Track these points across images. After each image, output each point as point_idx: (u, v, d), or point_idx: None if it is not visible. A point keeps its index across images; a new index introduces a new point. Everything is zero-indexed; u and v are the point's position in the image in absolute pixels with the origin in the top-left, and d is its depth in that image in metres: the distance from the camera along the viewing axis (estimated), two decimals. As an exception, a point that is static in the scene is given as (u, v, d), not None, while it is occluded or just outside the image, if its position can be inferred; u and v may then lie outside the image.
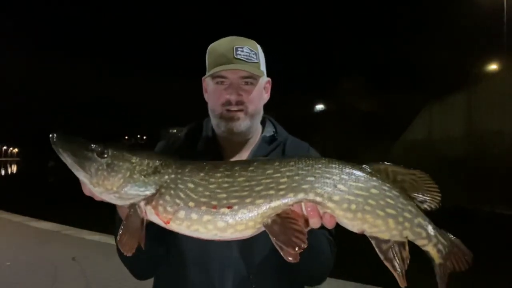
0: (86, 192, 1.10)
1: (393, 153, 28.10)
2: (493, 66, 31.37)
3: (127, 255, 1.03)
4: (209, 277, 1.34)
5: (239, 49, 1.39)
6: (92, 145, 1.07)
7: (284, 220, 1.01)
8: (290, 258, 1.00)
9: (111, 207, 1.17)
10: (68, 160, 1.05)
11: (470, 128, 22.90)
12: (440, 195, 1.04)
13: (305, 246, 0.99)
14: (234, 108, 1.38)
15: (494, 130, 20.54)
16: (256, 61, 1.42)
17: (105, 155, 1.06)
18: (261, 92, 1.47)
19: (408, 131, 29.58)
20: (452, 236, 1.06)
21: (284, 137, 1.54)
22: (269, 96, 1.55)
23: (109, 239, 7.77)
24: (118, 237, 1.03)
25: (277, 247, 1.00)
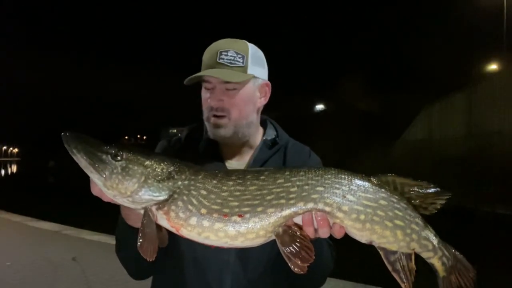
0: (95, 192, 1.09)
1: (393, 153, 28.10)
2: (493, 66, 31.39)
3: (150, 260, 1.03)
4: (206, 281, 1.35)
5: (223, 53, 1.35)
6: (106, 146, 1.06)
7: (294, 233, 1.03)
8: (297, 269, 1.02)
9: (112, 208, 1.18)
10: (82, 161, 1.04)
11: (470, 128, 22.87)
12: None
13: (312, 260, 1.01)
14: (218, 113, 1.36)
15: (494, 130, 20.53)
16: (241, 64, 1.36)
17: (119, 158, 1.05)
18: (249, 96, 1.40)
19: (408, 131, 29.56)
20: (455, 251, 1.08)
21: (285, 141, 1.52)
22: (266, 100, 1.49)
23: (109, 239, 7.76)
24: (138, 243, 1.03)
25: (285, 258, 1.02)
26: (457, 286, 1.07)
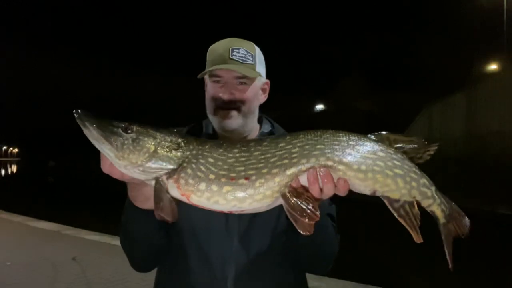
0: (105, 169, 1.13)
1: (393, 153, 27.99)
2: (493, 66, 31.40)
3: (171, 221, 1.08)
4: (210, 268, 1.38)
5: (235, 50, 1.45)
6: (116, 121, 1.11)
7: (300, 193, 1.07)
8: (304, 231, 1.05)
9: (111, 208, 1.18)
10: (94, 133, 1.08)
11: (470, 128, 22.90)
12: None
13: (318, 218, 1.05)
14: (229, 106, 1.44)
15: (494, 130, 20.55)
16: (251, 62, 1.47)
17: (130, 131, 1.10)
18: (256, 92, 1.51)
19: (408, 131, 29.56)
20: (451, 200, 1.14)
21: (282, 134, 1.56)
22: (266, 97, 1.59)
23: (109, 239, 7.77)
24: (155, 208, 1.07)
25: (292, 219, 1.06)
26: (455, 234, 1.13)
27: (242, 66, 1.44)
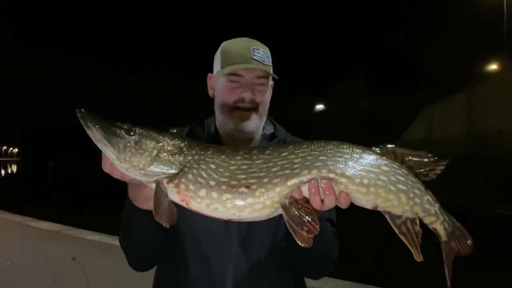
0: (106, 168, 1.12)
1: (393, 153, 27.99)
2: (493, 66, 31.42)
3: (166, 226, 1.07)
4: (209, 272, 1.37)
5: (255, 50, 1.42)
6: (119, 122, 1.10)
7: (300, 205, 1.05)
8: (302, 243, 1.03)
9: (111, 208, 1.19)
10: (96, 135, 1.07)
11: (470, 128, 22.91)
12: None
13: (317, 232, 1.03)
14: (247, 106, 1.41)
15: (494, 130, 20.55)
16: (269, 64, 1.45)
17: (133, 133, 1.09)
18: (269, 94, 1.50)
19: (408, 131, 29.60)
20: (454, 218, 1.11)
21: (284, 135, 1.57)
22: (270, 99, 1.58)
23: (109, 239, 7.76)
24: (154, 212, 1.06)
25: (291, 230, 1.04)
26: (457, 252, 1.10)
27: (264, 66, 1.42)
